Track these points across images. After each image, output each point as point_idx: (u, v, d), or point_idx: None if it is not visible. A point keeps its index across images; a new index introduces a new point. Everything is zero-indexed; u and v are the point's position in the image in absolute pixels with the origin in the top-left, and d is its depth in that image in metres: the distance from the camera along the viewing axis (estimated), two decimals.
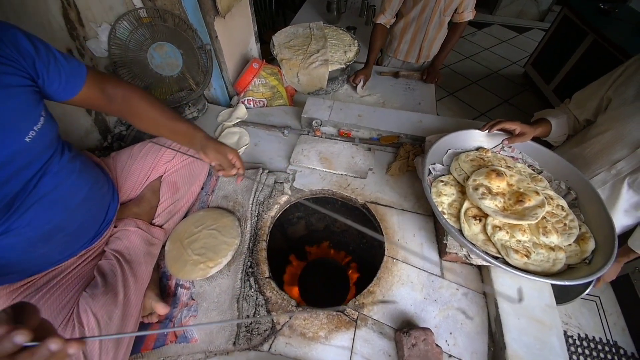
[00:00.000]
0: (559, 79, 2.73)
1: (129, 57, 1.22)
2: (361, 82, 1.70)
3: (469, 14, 1.57)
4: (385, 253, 0.94)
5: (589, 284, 1.09)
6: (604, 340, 1.86)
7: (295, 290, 1.45)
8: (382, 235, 0.98)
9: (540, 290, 0.81)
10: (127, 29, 1.20)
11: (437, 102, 3.01)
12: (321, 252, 1.63)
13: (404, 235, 0.98)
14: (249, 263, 0.89)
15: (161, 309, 0.79)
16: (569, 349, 1.63)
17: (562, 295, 1.12)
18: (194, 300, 0.84)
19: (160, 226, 0.92)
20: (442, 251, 0.92)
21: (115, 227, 0.86)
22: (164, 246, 0.92)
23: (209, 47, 1.35)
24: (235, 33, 1.51)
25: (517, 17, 4.25)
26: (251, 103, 1.49)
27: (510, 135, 1.03)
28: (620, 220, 1.00)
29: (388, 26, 1.66)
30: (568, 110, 1.06)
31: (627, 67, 0.94)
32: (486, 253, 0.78)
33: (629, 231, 1.03)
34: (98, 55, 1.17)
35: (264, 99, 1.52)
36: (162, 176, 0.95)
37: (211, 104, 1.55)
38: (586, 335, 1.85)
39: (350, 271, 1.49)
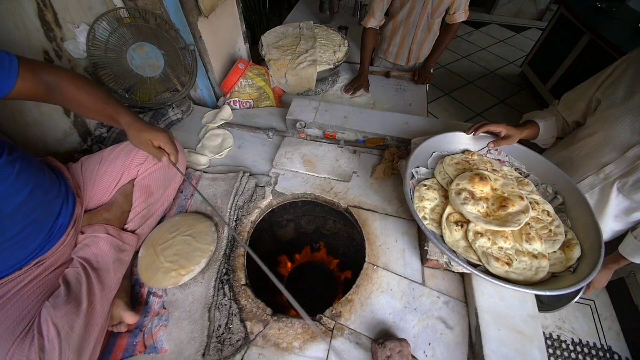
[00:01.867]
0: (555, 78, 2.70)
1: (109, 58, 1.19)
2: (360, 91, 1.68)
3: (461, 15, 1.54)
4: (366, 259, 0.91)
5: (578, 290, 1.06)
6: (598, 345, 1.83)
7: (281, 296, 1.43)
8: (364, 240, 0.96)
9: (523, 299, 0.78)
10: (107, 29, 1.18)
11: (433, 102, 2.98)
12: (310, 255, 1.61)
13: (386, 240, 0.95)
14: (224, 270, 0.87)
15: (129, 318, 0.76)
16: (562, 354, 1.60)
17: (552, 302, 1.09)
18: (165, 309, 0.81)
19: (133, 231, 0.89)
20: (424, 257, 0.90)
21: (82, 233, 0.83)
22: (138, 252, 0.89)
23: (192, 47, 1.32)
24: (221, 33, 1.48)
25: (515, 16, 4.21)
26: (237, 104, 1.46)
27: (496, 137, 1.00)
28: (610, 225, 0.97)
29: (378, 28, 1.64)
30: (557, 112, 1.03)
31: (616, 67, 0.91)
32: (466, 261, 0.75)
33: (620, 236, 1.00)
34: (76, 57, 1.15)
35: (250, 100, 1.49)
36: (134, 179, 0.92)
37: (198, 105, 1.52)
38: (580, 340, 1.81)
39: (339, 274, 1.47)
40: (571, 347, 1.76)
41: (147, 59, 1.21)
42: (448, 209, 0.86)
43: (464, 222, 0.83)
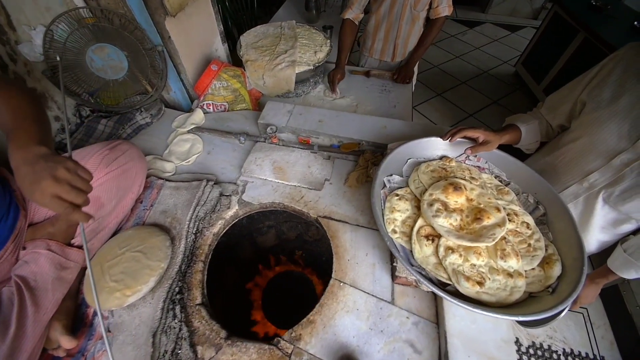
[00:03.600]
0: (549, 78, 2.63)
1: (69, 60, 1.13)
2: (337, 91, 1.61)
3: (444, 9, 1.47)
4: (333, 275, 0.85)
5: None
6: (591, 356, 1.75)
7: (259, 306, 1.37)
8: (332, 254, 0.89)
9: (496, 322, 0.71)
10: (66, 30, 1.11)
11: (424, 103, 2.92)
12: (290, 264, 1.54)
13: (355, 254, 0.89)
14: (177, 289, 0.80)
15: (66, 342, 0.70)
16: None
17: (534, 320, 1.02)
18: (110, 332, 0.75)
19: (80, 247, 0.83)
20: (394, 274, 0.83)
21: (25, 249, 0.77)
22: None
23: (160, 48, 1.26)
24: (194, 33, 1.42)
25: (510, 15, 4.14)
26: (211, 107, 1.40)
27: (475, 143, 0.93)
28: (596, 236, 0.90)
29: (357, 22, 1.58)
30: (540, 115, 0.97)
31: (602, 66, 0.84)
32: (431, 281, 0.68)
33: (609, 248, 0.93)
34: (33, 60, 1.08)
35: (225, 103, 1.43)
36: None
37: (171, 108, 1.46)
38: (572, 350, 1.74)
39: (319, 284, 1.40)
40: (562, 358, 1.69)
41: (108, 61, 1.15)
42: (419, 222, 0.80)
43: (435, 236, 0.76)
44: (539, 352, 1.47)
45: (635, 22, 2.26)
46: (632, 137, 0.74)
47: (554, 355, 1.65)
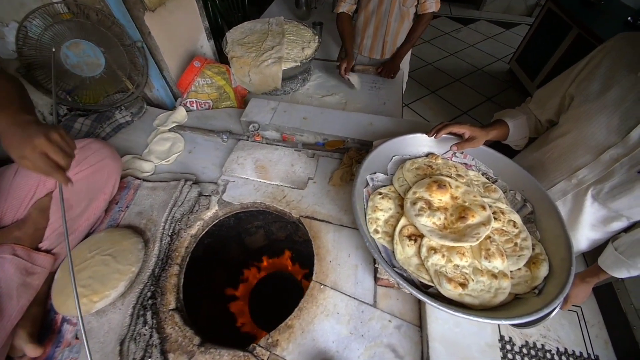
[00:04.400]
0: (543, 75, 2.61)
1: (44, 57, 1.09)
2: (351, 75, 1.56)
3: (431, 5, 1.45)
4: (313, 278, 0.81)
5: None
6: (585, 355, 1.73)
7: (245, 309, 1.33)
8: (314, 255, 0.86)
9: (481, 326, 0.68)
10: (40, 26, 1.07)
11: (418, 101, 2.89)
12: (279, 265, 1.51)
13: (337, 255, 0.86)
14: (149, 294, 0.77)
15: (31, 351, 0.67)
16: None
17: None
18: (77, 339, 0.71)
19: (49, 251, 0.79)
20: (377, 275, 0.80)
21: None
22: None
23: (140, 44, 1.22)
24: (177, 29, 1.38)
25: (505, 12, 4.12)
26: (194, 105, 1.36)
27: (461, 139, 0.90)
28: (587, 234, 0.87)
29: (351, 13, 1.56)
30: (528, 110, 0.94)
31: (591, 58, 0.81)
32: (412, 283, 0.65)
33: (601, 246, 0.91)
34: (5, 57, 1.05)
35: (209, 101, 1.39)
36: (53, 192, 0.82)
37: (155, 106, 1.42)
38: (565, 349, 1.71)
39: (306, 287, 1.37)
40: (556, 357, 1.67)
41: (84, 57, 1.11)
42: (402, 221, 0.76)
43: (418, 236, 0.73)
44: (532, 352, 1.43)
45: (629, 18, 2.23)
46: (622, 131, 0.71)
47: (548, 355, 1.62)
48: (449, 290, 0.64)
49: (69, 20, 1.11)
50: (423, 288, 0.68)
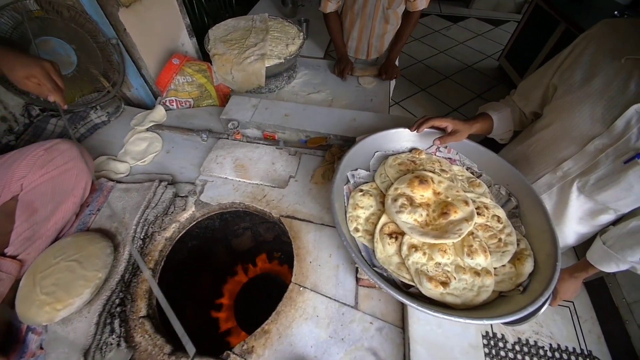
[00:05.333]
0: (532, 70, 2.60)
1: None
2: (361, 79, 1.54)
3: (421, 2, 1.41)
4: (292, 279, 0.78)
5: (544, 301, 0.94)
6: (578, 350, 1.72)
7: (231, 313, 1.29)
8: (293, 256, 0.82)
9: (464, 326, 0.65)
10: (9, 23, 1.03)
11: (408, 98, 2.87)
12: (267, 267, 1.47)
13: (318, 255, 0.82)
14: (117, 301, 0.73)
15: None
16: None
17: None
18: (42, 349, 0.67)
19: (15, 257, 0.75)
20: (358, 275, 0.77)
21: None
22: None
23: (115, 41, 1.18)
24: (155, 26, 1.34)
25: (494, 9, 4.13)
26: (174, 104, 1.32)
27: (444, 133, 0.87)
28: (574, 228, 0.85)
29: (339, 11, 1.52)
30: (513, 103, 0.91)
31: (574, 46, 0.79)
32: (392, 283, 0.62)
33: (589, 240, 0.88)
34: None
35: (190, 99, 1.35)
36: (18, 195, 0.78)
37: (134, 106, 1.38)
38: (558, 345, 1.70)
39: None
40: (549, 354, 1.65)
41: (54, 55, 1.06)
42: (383, 219, 0.73)
43: (399, 233, 0.70)
44: (525, 349, 1.41)
45: (616, 12, 2.24)
46: (607, 121, 0.68)
47: (541, 351, 1.60)
48: (430, 289, 0.61)
49: (39, 18, 1.06)
50: (404, 288, 0.65)
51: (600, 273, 0.87)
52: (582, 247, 1.00)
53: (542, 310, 0.92)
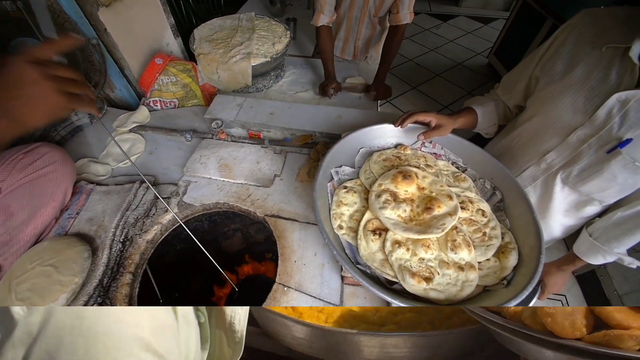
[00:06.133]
0: None
1: None
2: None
3: (405, 16, 1.34)
4: (277, 279, 0.76)
5: (532, 294, 0.93)
6: None
7: None
8: (278, 256, 0.81)
9: None
10: None
11: (400, 96, 2.87)
12: (258, 268, 1.45)
13: (303, 254, 0.81)
14: (95, 306, 0.70)
15: None
16: None
17: None
18: None
19: None
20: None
21: None
22: None
23: (95, 41, 1.16)
24: (137, 25, 1.32)
25: (483, 7, 4.16)
26: (158, 104, 1.30)
27: (428, 128, 0.86)
28: (560, 220, 0.85)
29: (331, 24, 1.47)
30: (497, 96, 0.91)
31: (555, 37, 0.79)
32: (376, 281, 0.61)
33: (576, 232, 0.88)
34: None
35: (174, 100, 1.33)
36: None
37: (119, 107, 1.35)
38: None
39: None
40: None
41: None
42: (367, 215, 0.72)
43: (383, 230, 0.69)
44: None
45: (602, 7, 2.25)
46: (588, 111, 0.68)
47: None
48: (413, 285, 0.59)
49: (17, 19, 1.04)
50: (388, 285, 0.64)
51: (588, 266, 0.87)
52: (573, 239, 0.99)
53: (531, 304, 0.91)
